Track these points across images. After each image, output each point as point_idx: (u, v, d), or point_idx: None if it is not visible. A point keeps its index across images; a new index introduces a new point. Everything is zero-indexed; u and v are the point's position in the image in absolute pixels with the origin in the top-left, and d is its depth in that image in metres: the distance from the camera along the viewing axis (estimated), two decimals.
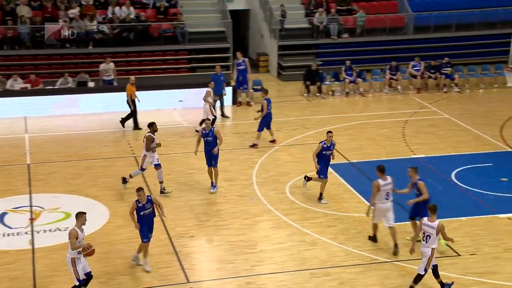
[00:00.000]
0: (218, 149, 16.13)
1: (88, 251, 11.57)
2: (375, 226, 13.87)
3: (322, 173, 15.59)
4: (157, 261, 13.30)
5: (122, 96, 21.13)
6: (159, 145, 15.99)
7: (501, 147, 19.19)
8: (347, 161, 18.11)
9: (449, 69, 25.01)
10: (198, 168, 17.95)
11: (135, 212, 12.62)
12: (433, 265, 12.08)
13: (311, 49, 27.50)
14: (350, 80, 24.76)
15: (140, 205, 12.63)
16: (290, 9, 27.97)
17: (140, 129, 20.76)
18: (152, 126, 15.92)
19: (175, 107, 23.12)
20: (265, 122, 19.25)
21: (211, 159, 16.17)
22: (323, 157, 15.55)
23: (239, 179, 17.31)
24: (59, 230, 14.40)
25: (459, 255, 13.58)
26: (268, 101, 19.20)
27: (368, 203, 14.42)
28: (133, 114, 20.86)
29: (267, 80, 25.86)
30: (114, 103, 22.36)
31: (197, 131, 19.07)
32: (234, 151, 19.27)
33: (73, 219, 12.24)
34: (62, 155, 18.79)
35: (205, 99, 19.74)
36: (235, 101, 23.57)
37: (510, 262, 13.30)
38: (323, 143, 15.56)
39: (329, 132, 15.65)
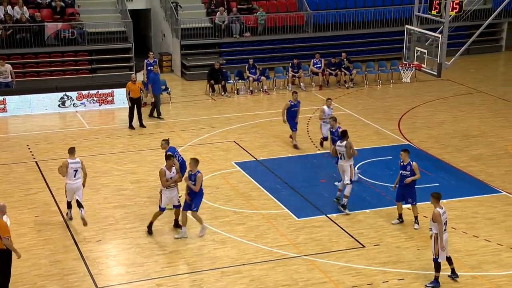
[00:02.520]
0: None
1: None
2: None
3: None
4: (63, 267, 12.89)
5: (21, 99, 20.48)
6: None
7: (399, 140, 19.98)
8: (254, 159, 18.24)
9: (348, 64, 25.68)
10: (103, 170, 17.57)
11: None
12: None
13: (214, 48, 27.51)
14: (254, 79, 24.94)
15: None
16: (191, 8, 27.86)
17: (133, 128, 20.55)
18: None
19: (76, 110, 22.54)
20: None
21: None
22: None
23: (147, 181, 17.07)
24: None
25: (364, 246, 13.99)
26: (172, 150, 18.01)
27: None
28: (130, 112, 20.58)
29: (171, 80, 25.65)
30: (13, 106, 21.71)
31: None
32: (141, 152, 18.99)
33: None
34: None
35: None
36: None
37: (411, 250, 13.84)
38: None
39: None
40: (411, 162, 14.44)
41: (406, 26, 20.43)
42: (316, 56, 25.82)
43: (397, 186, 14.66)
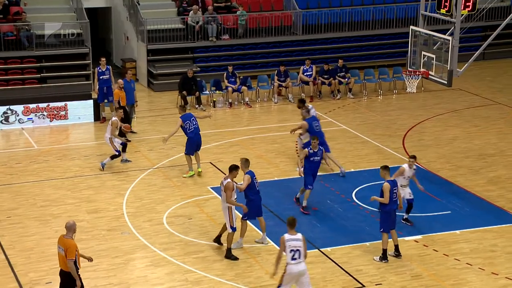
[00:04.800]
0: None
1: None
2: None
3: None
4: None
5: None
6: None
7: (404, 160, 20.02)
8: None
9: (345, 74, 25.84)
10: (54, 199, 17.47)
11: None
12: None
13: (186, 53, 27.56)
14: (233, 89, 25.00)
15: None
16: (160, 6, 27.95)
17: (135, 132, 21.55)
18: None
19: (22, 127, 22.43)
20: (191, 143, 18.72)
21: None
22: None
23: (107, 210, 16.99)
24: None
25: (364, 286, 13.95)
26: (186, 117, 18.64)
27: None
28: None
29: (136, 91, 25.55)
30: None
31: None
32: (100, 176, 18.90)
33: None
34: None
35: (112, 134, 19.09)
36: (98, 117, 23.16)
37: None
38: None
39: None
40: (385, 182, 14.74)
41: (411, 27, 20.60)
42: (306, 63, 25.96)
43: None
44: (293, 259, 12.09)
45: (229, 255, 14.81)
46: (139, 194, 17.89)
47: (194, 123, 18.76)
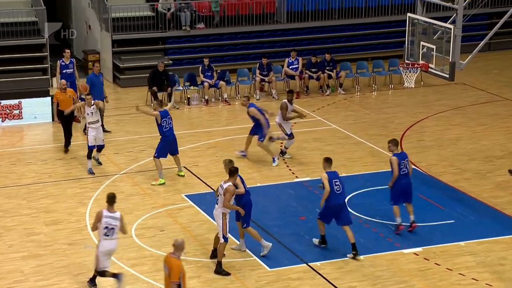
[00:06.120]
0: None
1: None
2: None
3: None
4: None
5: None
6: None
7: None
8: (211, 190, 18.20)
9: (334, 69, 25.89)
10: (7, 209, 17.45)
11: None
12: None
13: (157, 44, 27.51)
14: (210, 84, 24.98)
15: None
16: None
17: (67, 151, 20.70)
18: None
19: None
20: (166, 144, 18.78)
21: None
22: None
23: (67, 221, 16.93)
24: None
25: None
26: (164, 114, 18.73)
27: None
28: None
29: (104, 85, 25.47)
30: None
31: None
32: (60, 183, 18.84)
33: None
34: None
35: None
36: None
37: None
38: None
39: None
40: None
41: (408, 14, 20.70)
42: (291, 55, 25.99)
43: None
44: (105, 235, 13.63)
45: (220, 270, 14.81)
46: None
47: (170, 122, 18.78)
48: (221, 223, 14.76)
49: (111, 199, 13.84)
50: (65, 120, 20.67)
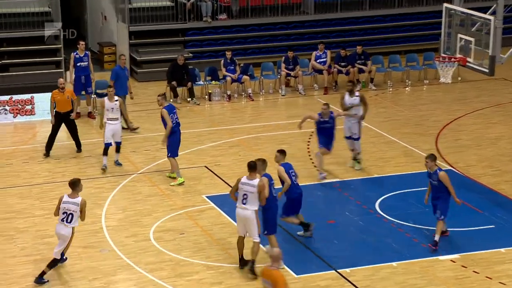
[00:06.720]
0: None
1: None
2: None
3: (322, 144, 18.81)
4: None
5: None
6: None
7: (438, 164, 20.00)
8: None
9: (366, 62, 25.82)
10: (19, 209, 17.51)
11: None
12: None
13: (176, 36, 27.56)
14: (232, 79, 24.98)
15: None
16: None
17: (48, 155, 20.47)
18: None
19: None
20: (175, 140, 18.75)
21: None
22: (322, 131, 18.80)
23: (83, 224, 16.88)
24: None
25: None
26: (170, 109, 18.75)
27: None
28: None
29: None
30: None
31: None
32: None
33: None
34: None
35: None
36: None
37: None
38: (319, 114, 18.69)
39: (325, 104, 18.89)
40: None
41: (445, 4, 20.60)
42: (319, 47, 25.97)
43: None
44: (61, 220, 14.49)
45: (253, 269, 14.80)
46: (121, 204, 17.85)
47: (176, 116, 18.77)
48: (255, 223, 14.73)
49: (73, 184, 14.49)
50: (59, 122, 20.38)
